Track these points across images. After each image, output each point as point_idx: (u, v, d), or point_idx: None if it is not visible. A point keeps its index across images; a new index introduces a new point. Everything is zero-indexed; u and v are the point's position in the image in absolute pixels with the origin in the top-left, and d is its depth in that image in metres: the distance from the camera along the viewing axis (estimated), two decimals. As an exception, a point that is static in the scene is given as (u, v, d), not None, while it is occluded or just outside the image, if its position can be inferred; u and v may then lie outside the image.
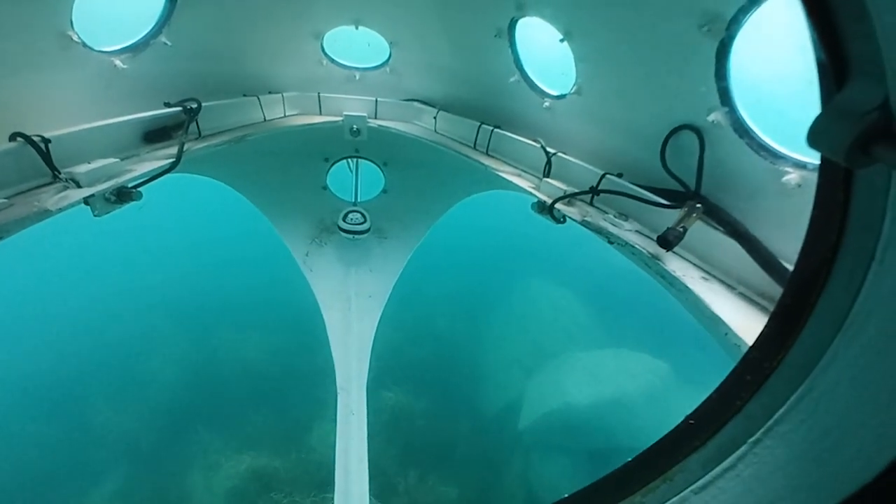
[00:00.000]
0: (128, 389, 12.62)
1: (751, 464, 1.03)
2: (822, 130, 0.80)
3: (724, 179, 2.98)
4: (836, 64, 0.78)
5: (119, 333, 14.83)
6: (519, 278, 20.07)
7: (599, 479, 1.30)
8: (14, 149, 2.57)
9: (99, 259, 19.44)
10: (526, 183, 4.07)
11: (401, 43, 5.13)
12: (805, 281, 0.97)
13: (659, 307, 12.69)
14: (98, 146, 3.08)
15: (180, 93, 3.95)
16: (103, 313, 15.79)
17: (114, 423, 11.60)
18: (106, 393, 12.38)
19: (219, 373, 13.51)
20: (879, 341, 0.79)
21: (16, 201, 2.42)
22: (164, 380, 13.17)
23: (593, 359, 14.23)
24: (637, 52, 3.28)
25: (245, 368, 13.67)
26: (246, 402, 12.42)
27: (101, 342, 14.52)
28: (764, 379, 1.04)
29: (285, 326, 14.79)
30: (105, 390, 12.47)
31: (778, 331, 1.04)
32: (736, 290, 2.62)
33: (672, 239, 2.66)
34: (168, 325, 15.33)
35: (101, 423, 11.59)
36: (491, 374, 14.59)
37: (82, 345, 14.45)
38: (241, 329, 14.94)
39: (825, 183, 0.91)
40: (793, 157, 2.64)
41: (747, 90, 2.83)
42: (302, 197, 6.23)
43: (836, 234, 0.88)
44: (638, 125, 3.58)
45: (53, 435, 11.31)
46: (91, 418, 11.72)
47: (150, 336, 14.70)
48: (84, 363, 13.60)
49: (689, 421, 1.20)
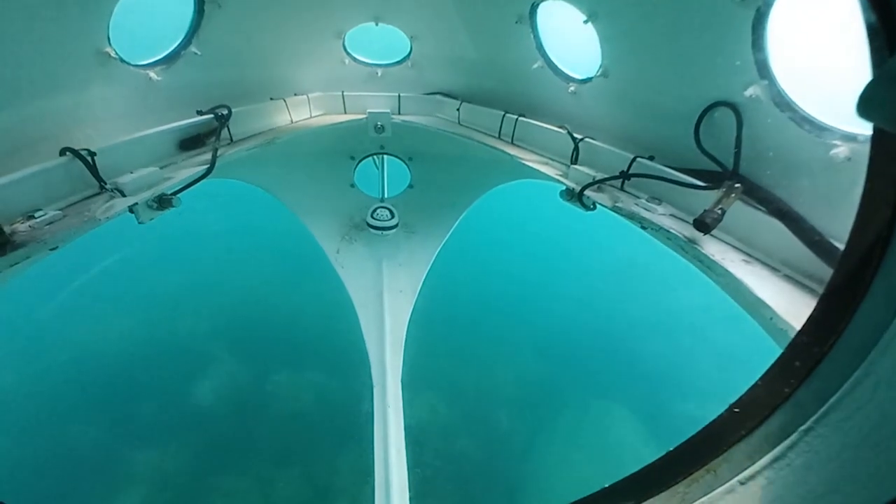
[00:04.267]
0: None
1: (802, 453, 0.99)
2: (874, 98, 0.75)
3: (764, 156, 2.83)
4: (888, 25, 0.72)
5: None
6: (550, 266, 19.87)
7: (641, 469, 1.27)
8: (64, 163, 2.73)
9: (134, 266, 20.17)
10: (553, 171, 4.00)
11: (421, 36, 5.12)
12: (859, 259, 0.91)
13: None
14: (138, 156, 3.24)
15: (211, 100, 4.09)
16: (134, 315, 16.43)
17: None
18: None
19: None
20: None
21: (68, 213, 2.58)
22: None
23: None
24: (666, 28, 3.15)
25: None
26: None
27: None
28: (814, 364, 1.00)
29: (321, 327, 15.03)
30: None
31: (829, 313, 0.98)
32: (780, 273, 2.49)
33: (710, 221, 2.56)
34: (206, 330, 15.85)
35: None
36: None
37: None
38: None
39: (879, 154, 0.85)
40: (840, 129, 2.48)
41: (787, 61, 2.68)
42: (331, 195, 6.35)
43: (892, 208, 0.82)
44: (669, 105, 3.45)
45: (84, 442, 11.63)
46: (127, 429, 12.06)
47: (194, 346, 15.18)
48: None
49: (734, 409, 1.16)
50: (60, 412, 12.38)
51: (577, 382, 14.78)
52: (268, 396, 13.20)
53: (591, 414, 13.78)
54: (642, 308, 18.18)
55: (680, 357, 16.26)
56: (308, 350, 14.70)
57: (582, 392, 14.43)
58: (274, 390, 13.38)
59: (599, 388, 14.61)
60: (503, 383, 14.43)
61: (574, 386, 14.66)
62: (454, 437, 12.24)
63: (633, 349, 16.40)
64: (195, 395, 13.14)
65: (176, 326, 15.81)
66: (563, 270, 21.11)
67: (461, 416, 12.85)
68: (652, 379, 15.11)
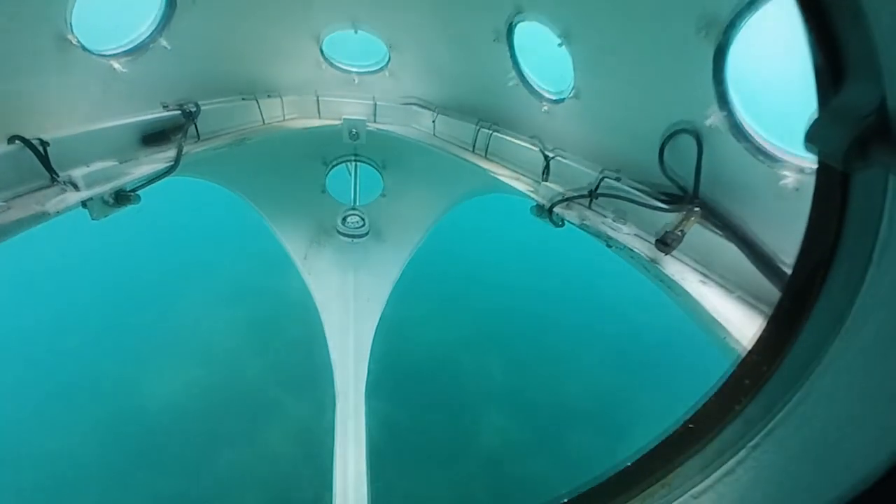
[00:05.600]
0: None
1: (750, 468, 1.02)
2: (819, 133, 0.80)
3: (722, 182, 2.98)
4: (832, 67, 0.77)
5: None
6: (519, 279, 20.10)
7: (597, 483, 1.29)
8: (12, 151, 2.56)
9: (91, 262, 19.29)
10: (524, 186, 4.07)
11: (399, 46, 5.13)
12: (803, 283, 0.97)
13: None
14: (96, 149, 3.08)
15: (179, 96, 3.95)
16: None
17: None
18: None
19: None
20: (878, 343, 0.79)
21: (13, 204, 2.42)
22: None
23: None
24: (634, 55, 3.28)
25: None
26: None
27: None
28: (763, 383, 1.04)
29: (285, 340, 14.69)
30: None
31: (776, 334, 1.03)
32: (734, 293, 2.62)
33: (670, 242, 2.66)
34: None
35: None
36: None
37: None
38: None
39: (822, 186, 0.91)
40: (790, 160, 2.64)
41: (745, 93, 2.84)
42: (301, 200, 6.23)
43: (834, 236, 0.87)
44: (636, 128, 3.58)
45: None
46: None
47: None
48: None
49: (688, 425, 1.20)
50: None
51: (537, 393, 14.90)
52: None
53: (551, 423, 13.90)
54: (607, 327, 18.64)
55: (640, 368, 16.68)
56: (269, 357, 14.27)
57: (542, 402, 14.56)
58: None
59: (557, 395, 14.81)
60: (467, 394, 14.39)
61: (535, 395, 14.77)
62: (415, 448, 12.08)
63: (597, 363, 16.74)
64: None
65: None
66: (532, 284, 21.38)
67: (423, 427, 12.71)
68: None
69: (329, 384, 5.45)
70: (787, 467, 0.95)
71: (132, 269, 19.10)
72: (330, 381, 5.45)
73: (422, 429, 12.65)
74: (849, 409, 0.84)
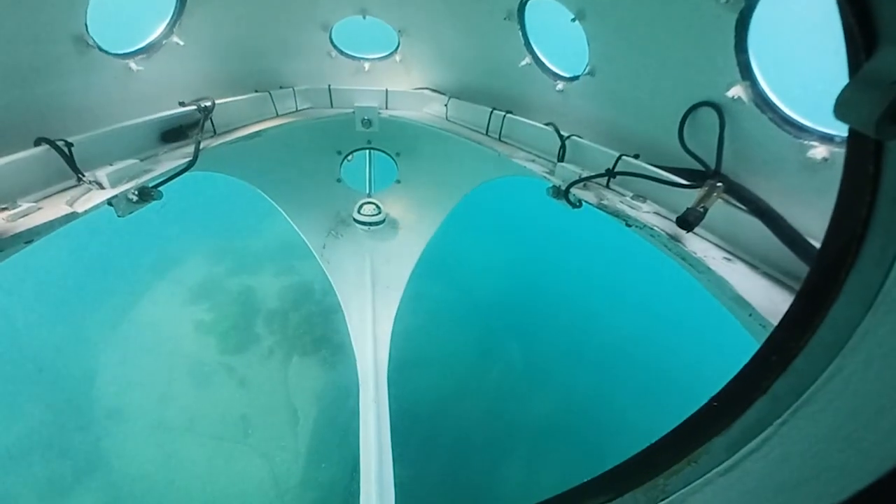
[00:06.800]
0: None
1: (777, 445, 1.01)
2: (850, 101, 0.77)
3: (745, 156, 2.89)
4: (864, 30, 0.74)
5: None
6: (537, 262, 20.01)
7: (623, 462, 1.30)
8: (39, 154, 2.64)
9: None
10: (540, 168, 4.02)
11: (409, 31, 5.08)
12: (833, 257, 0.94)
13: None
14: (118, 148, 3.15)
15: (194, 92, 4.00)
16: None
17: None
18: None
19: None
20: None
21: (44, 204, 2.50)
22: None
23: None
24: (652, 28, 3.18)
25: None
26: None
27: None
28: (790, 359, 1.02)
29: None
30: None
31: (805, 310, 1.01)
32: (760, 270, 2.55)
33: (692, 220, 2.60)
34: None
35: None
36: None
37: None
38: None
39: (854, 156, 0.87)
40: (819, 130, 2.54)
41: (769, 63, 2.72)
42: (317, 190, 6.28)
43: (867, 208, 0.84)
44: (654, 104, 3.49)
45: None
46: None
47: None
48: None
49: (713, 403, 1.19)
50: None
51: (557, 378, 14.94)
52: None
53: (570, 406, 13.97)
54: (630, 308, 18.48)
55: (663, 351, 16.55)
56: (294, 345, 14.61)
57: (562, 387, 14.61)
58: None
59: (574, 381, 14.83)
60: (488, 378, 14.53)
61: (555, 380, 14.82)
62: (438, 430, 12.30)
63: (620, 346, 16.66)
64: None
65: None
66: (550, 266, 21.27)
67: (444, 410, 12.91)
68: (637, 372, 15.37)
69: (353, 371, 5.55)
70: (817, 445, 0.94)
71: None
72: (353, 369, 5.55)
73: (445, 414, 12.86)
74: (883, 385, 0.82)
